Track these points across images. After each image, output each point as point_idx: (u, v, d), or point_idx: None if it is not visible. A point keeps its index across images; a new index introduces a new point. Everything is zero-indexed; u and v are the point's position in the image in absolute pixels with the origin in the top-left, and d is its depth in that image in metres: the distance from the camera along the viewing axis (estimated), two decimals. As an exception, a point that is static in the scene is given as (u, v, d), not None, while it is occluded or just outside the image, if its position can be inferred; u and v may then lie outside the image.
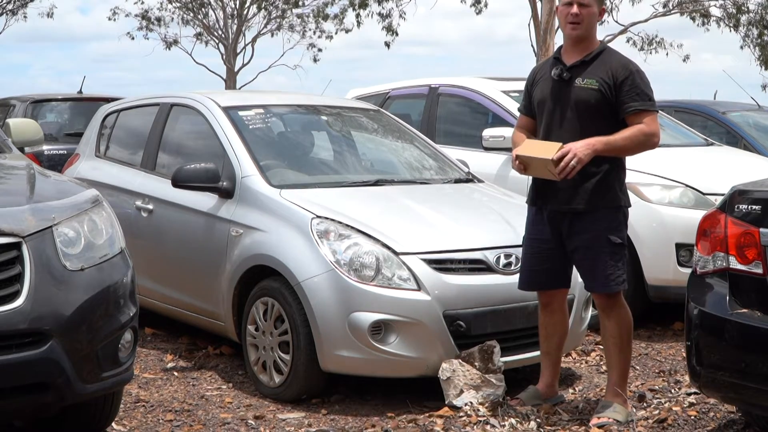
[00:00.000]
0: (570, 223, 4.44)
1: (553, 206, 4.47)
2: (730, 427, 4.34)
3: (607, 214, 4.41)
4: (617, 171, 4.46)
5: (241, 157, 5.51)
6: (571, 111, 4.41)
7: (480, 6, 25.16)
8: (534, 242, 4.58)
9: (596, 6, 4.48)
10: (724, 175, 6.51)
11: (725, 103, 10.36)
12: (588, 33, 4.49)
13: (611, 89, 4.37)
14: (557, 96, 4.46)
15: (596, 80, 4.39)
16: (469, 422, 4.43)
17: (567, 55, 4.52)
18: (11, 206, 3.69)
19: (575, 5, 4.43)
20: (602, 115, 4.38)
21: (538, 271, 4.57)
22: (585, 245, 4.42)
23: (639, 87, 4.38)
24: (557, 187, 4.42)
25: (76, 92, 12.16)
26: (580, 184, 4.38)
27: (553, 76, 4.48)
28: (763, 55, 25.35)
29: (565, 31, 4.51)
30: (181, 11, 30.94)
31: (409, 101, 8.78)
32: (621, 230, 4.45)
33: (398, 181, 5.83)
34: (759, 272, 3.64)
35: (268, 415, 4.76)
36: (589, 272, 4.46)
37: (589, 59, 4.45)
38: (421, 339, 4.70)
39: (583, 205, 4.39)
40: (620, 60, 4.47)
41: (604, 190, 4.40)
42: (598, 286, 4.46)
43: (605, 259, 4.39)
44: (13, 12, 28.86)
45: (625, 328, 4.50)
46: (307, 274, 4.78)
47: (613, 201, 4.43)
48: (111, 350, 3.78)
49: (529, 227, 4.63)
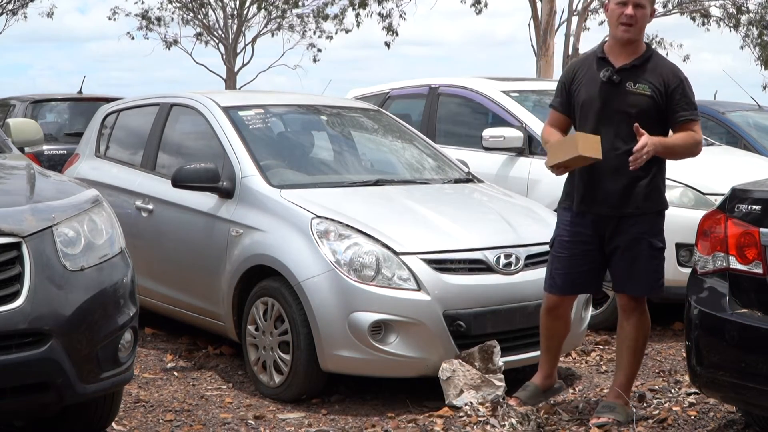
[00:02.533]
0: (615, 226, 4.39)
1: (602, 211, 4.38)
2: (730, 427, 4.34)
3: (651, 217, 4.40)
4: (662, 173, 4.45)
5: (241, 157, 5.51)
6: (621, 115, 4.32)
7: (480, 6, 25.21)
8: (573, 245, 4.46)
9: (649, 7, 4.39)
10: (724, 175, 6.50)
11: (725, 103, 10.35)
12: (639, 35, 4.40)
13: (662, 96, 4.33)
14: (607, 99, 4.36)
15: (648, 86, 4.33)
16: (469, 422, 4.42)
17: (614, 56, 4.41)
18: (11, 206, 3.69)
19: (630, 6, 4.30)
20: (651, 120, 4.32)
21: (577, 274, 4.48)
22: (625, 245, 4.37)
23: (689, 96, 4.37)
24: (607, 192, 4.35)
25: (76, 92, 12.16)
26: (631, 188, 4.34)
27: (602, 77, 4.38)
28: (763, 55, 25.37)
29: (616, 33, 4.37)
30: (181, 11, 30.96)
31: (409, 101, 8.77)
32: (662, 234, 4.44)
33: (398, 181, 5.83)
34: (759, 272, 3.64)
35: (268, 415, 4.76)
36: (625, 273, 4.40)
37: (639, 63, 4.37)
38: (421, 339, 4.70)
39: (633, 209, 4.35)
40: (671, 67, 4.42)
41: (652, 194, 4.38)
42: (636, 288, 4.41)
43: (646, 262, 4.37)
44: (13, 12, 28.88)
45: (643, 332, 4.48)
46: (307, 274, 4.78)
47: (658, 204, 4.42)
48: (111, 350, 3.78)
49: (566, 229, 4.49)
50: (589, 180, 4.39)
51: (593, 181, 4.38)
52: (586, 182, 4.40)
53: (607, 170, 4.32)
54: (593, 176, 4.37)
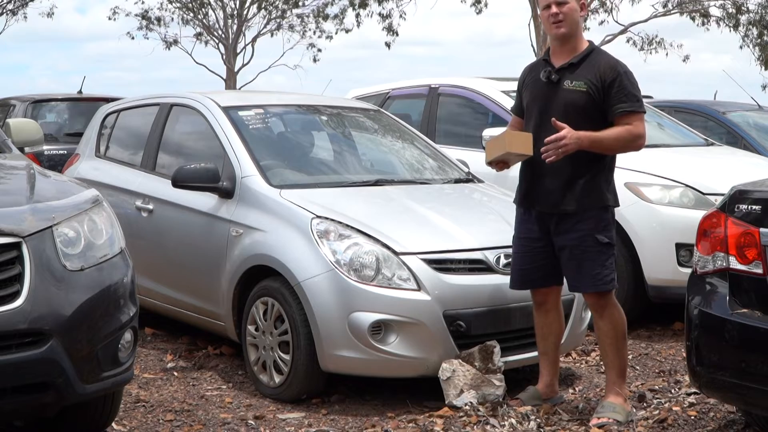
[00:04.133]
0: (557, 222, 4.45)
1: (542, 208, 4.49)
2: (730, 427, 4.34)
3: (595, 214, 4.42)
4: (605, 171, 4.47)
5: (241, 157, 5.51)
6: (559, 113, 4.40)
7: (480, 6, 25.23)
8: (523, 241, 4.60)
9: (575, 1, 4.47)
10: (724, 175, 6.51)
11: (725, 103, 10.35)
12: (573, 31, 4.48)
13: (599, 91, 4.38)
14: (546, 98, 4.48)
15: (584, 82, 4.40)
16: (469, 422, 4.43)
17: (555, 57, 4.54)
18: (11, 206, 3.69)
19: (553, 5, 4.44)
20: (590, 117, 4.39)
21: (529, 270, 4.59)
22: (572, 245, 4.43)
23: (627, 89, 4.39)
24: (546, 189, 4.44)
25: (76, 92, 12.16)
26: (569, 185, 4.40)
27: (542, 77, 4.50)
28: (763, 55, 25.37)
29: (551, 33, 4.52)
30: (181, 11, 30.95)
31: (409, 101, 8.78)
32: (608, 230, 4.46)
33: (398, 181, 5.83)
34: (759, 272, 3.64)
35: (268, 415, 4.76)
36: (576, 272, 4.46)
37: (577, 61, 4.46)
38: (421, 339, 4.70)
39: (573, 206, 4.40)
40: (608, 61, 4.47)
41: (592, 191, 4.41)
42: (585, 285, 4.47)
43: (592, 259, 4.40)
44: (13, 12, 28.87)
45: (619, 327, 4.50)
46: (307, 274, 4.78)
47: (600, 201, 4.44)
48: (111, 350, 3.78)
49: (518, 226, 4.65)
50: (531, 177, 4.52)
51: (534, 178, 4.50)
52: (528, 179, 4.54)
53: (547, 168, 4.40)
54: (534, 173, 4.49)
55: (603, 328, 4.50)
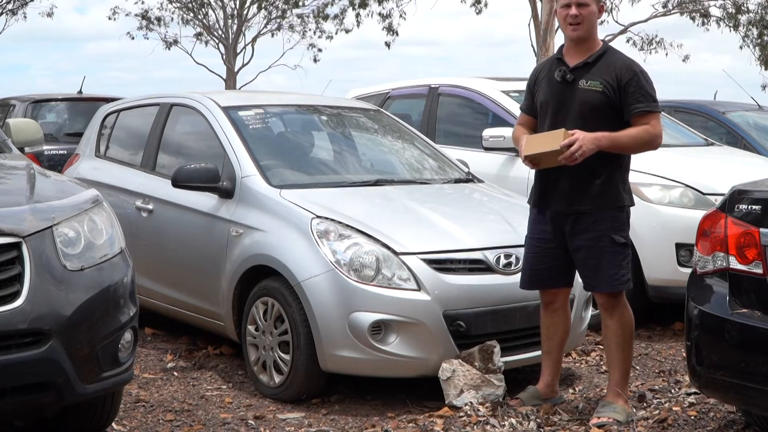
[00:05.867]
0: (573, 223, 4.44)
1: (558, 208, 4.47)
2: (730, 427, 4.34)
3: (611, 214, 4.42)
4: (621, 171, 4.46)
5: (241, 157, 5.52)
6: (575, 113, 4.39)
7: (480, 6, 25.19)
8: (536, 242, 4.58)
9: (595, 4, 4.46)
10: (724, 175, 6.51)
11: (725, 103, 10.36)
12: (589, 33, 4.47)
13: (615, 91, 4.37)
14: (561, 98, 4.45)
15: (600, 82, 4.38)
16: (469, 422, 4.43)
17: (569, 56, 4.51)
18: (11, 206, 3.69)
19: (573, 6, 4.41)
20: (606, 116, 4.38)
21: (540, 270, 4.57)
22: (588, 245, 4.41)
23: (644, 88, 4.38)
24: (562, 189, 4.43)
25: (76, 92, 12.16)
26: (585, 185, 4.38)
27: (557, 77, 4.47)
28: (763, 55, 25.36)
29: (566, 33, 4.49)
30: (181, 11, 30.92)
31: (409, 101, 8.79)
32: (624, 230, 4.45)
33: (398, 181, 5.83)
34: (759, 272, 3.64)
35: (268, 415, 4.76)
36: (592, 272, 4.45)
37: (592, 60, 4.44)
38: (421, 339, 4.70)
39: (588, 206, 4.39)
40: (624, 61, 4.46)
41: (608, 191, 4.40)
42: (602, 285, 4.45)
43: (609, 259, 4.39)
44: (13, 12, 28.84)
45: (628, 327, 4.50)
46: (307, 274, 4.78)
47: (616, 201, 4.43)
48: (111, 350, 3.78)
49: (531, 227, 4.63)
50: (547, 178, 4.50)
51: (550, 179, 4.48)
52: (544, 180, 4.51)
53: (563, 169, 4.38)
54: (550, 174, 4.46)
55: (612, 327, 4.50)
